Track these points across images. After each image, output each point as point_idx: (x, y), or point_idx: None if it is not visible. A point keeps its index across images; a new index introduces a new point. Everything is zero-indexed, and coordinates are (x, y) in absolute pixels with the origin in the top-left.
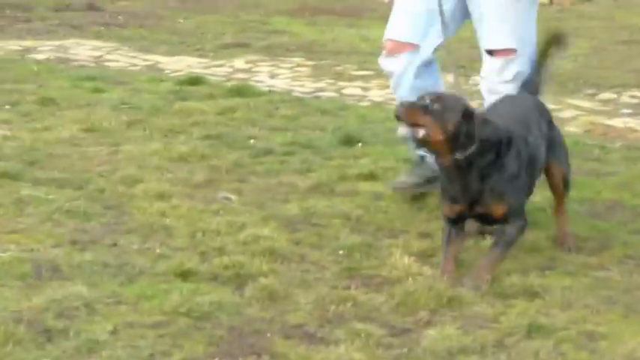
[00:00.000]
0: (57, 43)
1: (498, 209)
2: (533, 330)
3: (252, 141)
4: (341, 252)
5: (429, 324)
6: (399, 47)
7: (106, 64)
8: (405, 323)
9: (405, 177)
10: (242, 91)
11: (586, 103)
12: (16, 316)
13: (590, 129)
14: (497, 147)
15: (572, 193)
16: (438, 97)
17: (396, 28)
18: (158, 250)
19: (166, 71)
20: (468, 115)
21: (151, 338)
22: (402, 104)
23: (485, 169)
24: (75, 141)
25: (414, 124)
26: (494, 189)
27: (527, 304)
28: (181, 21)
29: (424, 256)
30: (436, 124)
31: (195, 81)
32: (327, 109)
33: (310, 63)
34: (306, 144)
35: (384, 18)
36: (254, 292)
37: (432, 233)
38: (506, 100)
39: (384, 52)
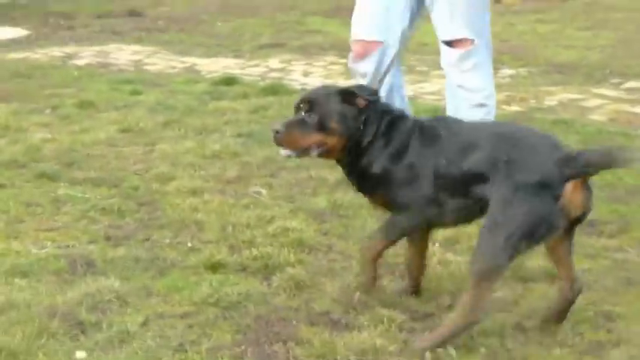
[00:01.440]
0: (98, 48)
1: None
2: None
3: None
4: None
5: (450, 308)
6: (368, 47)
7: (145, 67)
8: (428, 308)
9: None
10: (275, 89)
11: (612, 92)
12: (50, 310)
13: (614, 117)
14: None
15: (594, 178)
16: (310, 101)
17: (360, 29)
18: (189, 244)
19: (202, 73)
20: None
21: (181, 328)
22: (275, 129)
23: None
24: (111, 142)
25: (300, 150)
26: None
27: (547, 287)
28: (220, 24)
29: (447, 244)
30: (324, 138)
31: (229, 81)
32: None
33: (343, 61)
34: None
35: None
36: (281, 281)
37: None
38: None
39: (351, 54)
